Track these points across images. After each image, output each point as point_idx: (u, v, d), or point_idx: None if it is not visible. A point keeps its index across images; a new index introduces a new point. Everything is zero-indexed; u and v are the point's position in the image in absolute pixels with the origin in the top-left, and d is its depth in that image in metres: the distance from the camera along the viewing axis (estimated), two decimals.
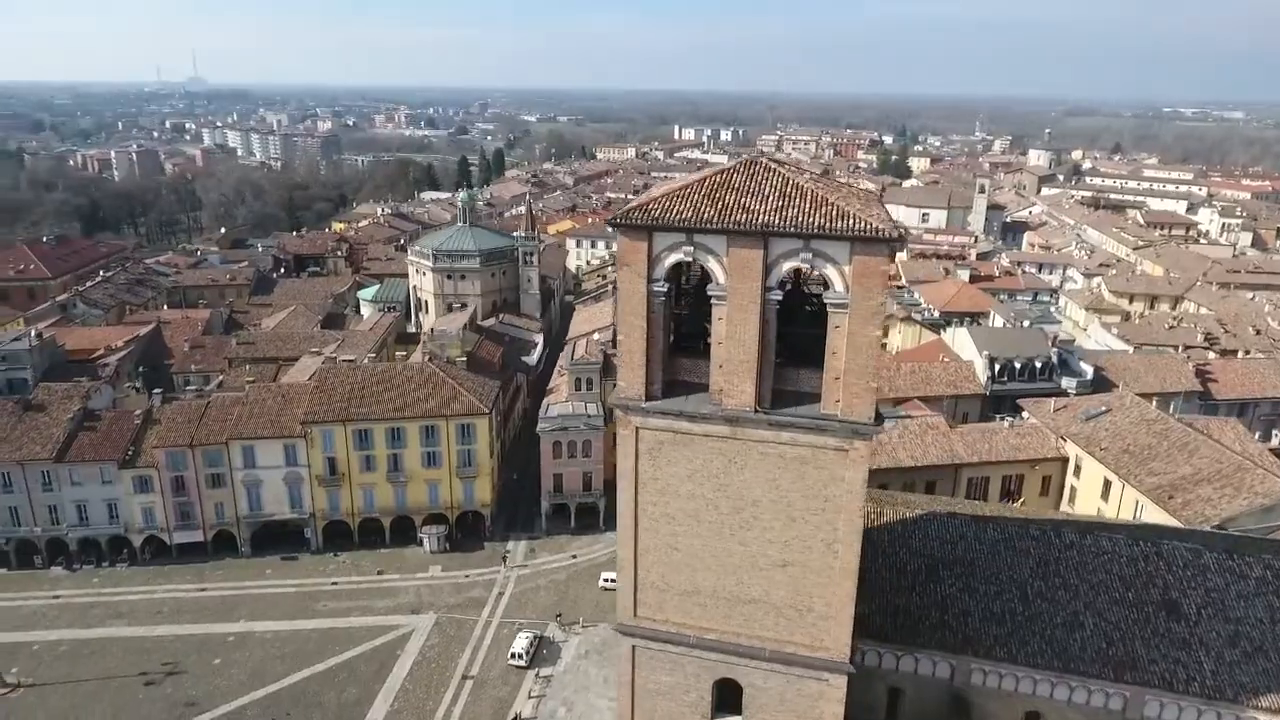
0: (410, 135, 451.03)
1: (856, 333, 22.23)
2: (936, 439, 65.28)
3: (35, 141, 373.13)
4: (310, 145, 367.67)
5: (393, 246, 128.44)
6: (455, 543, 70.05)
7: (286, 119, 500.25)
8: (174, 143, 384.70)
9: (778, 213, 22.13)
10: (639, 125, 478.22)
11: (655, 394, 24.56)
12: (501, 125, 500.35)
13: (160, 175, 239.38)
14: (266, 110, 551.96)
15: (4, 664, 54.92)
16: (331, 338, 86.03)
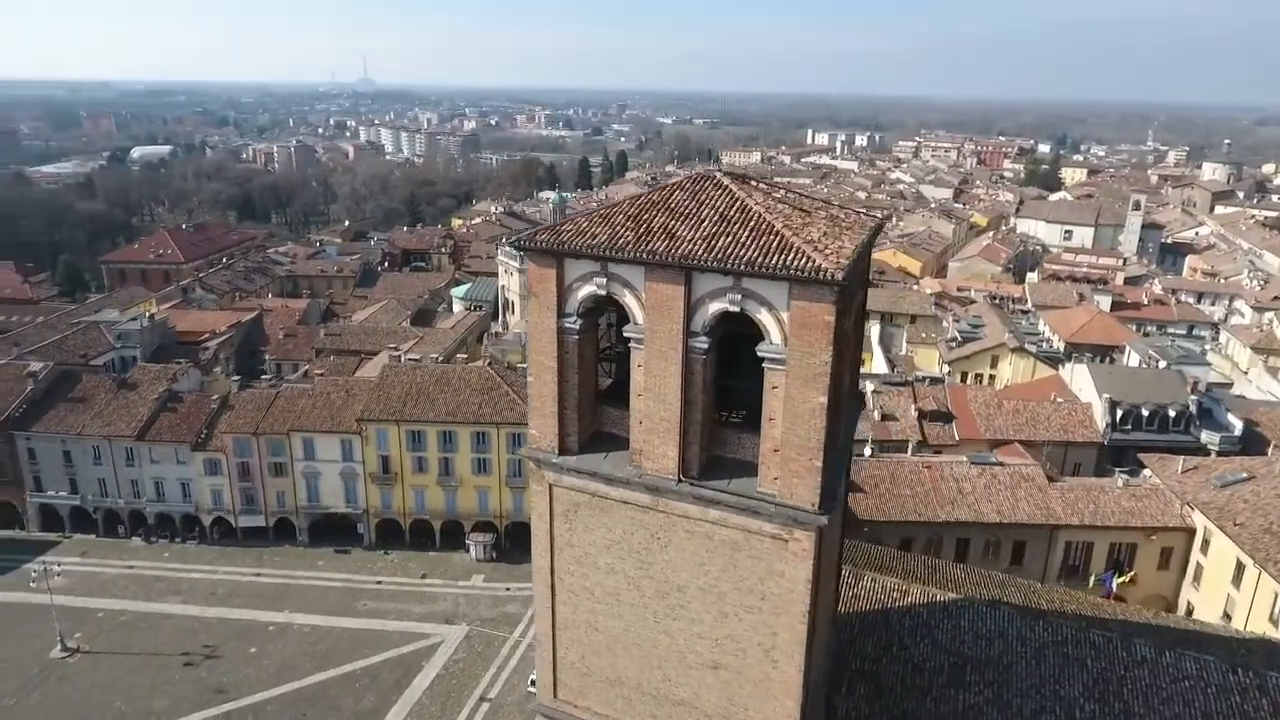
0: (547, 135, 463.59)
1: (796, 397, 17.58)
2: (1030, 493, 57.25)
3: (217, 136, 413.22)
4: (451, 143, 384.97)
5: (494, 245, 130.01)
6: (502, 553, 68.62)
7: (436, 118, 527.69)
8: (334, 139, 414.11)
9: (707, 242, 17.84)
10: (773, 129, 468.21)
11: (571, 447, 20.80)
12: (636, 127, 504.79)
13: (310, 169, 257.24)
14: (420, 110, 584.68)
15: (71, 627, 58.36)
16: (413, 334, 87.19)
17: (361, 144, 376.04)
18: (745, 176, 21.69)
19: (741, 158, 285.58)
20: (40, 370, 69.19)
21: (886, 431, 69.39)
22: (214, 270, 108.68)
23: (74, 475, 67.97)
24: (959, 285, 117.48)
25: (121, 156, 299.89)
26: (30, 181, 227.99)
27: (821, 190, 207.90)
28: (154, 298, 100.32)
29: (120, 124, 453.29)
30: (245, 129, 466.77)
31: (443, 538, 69.33)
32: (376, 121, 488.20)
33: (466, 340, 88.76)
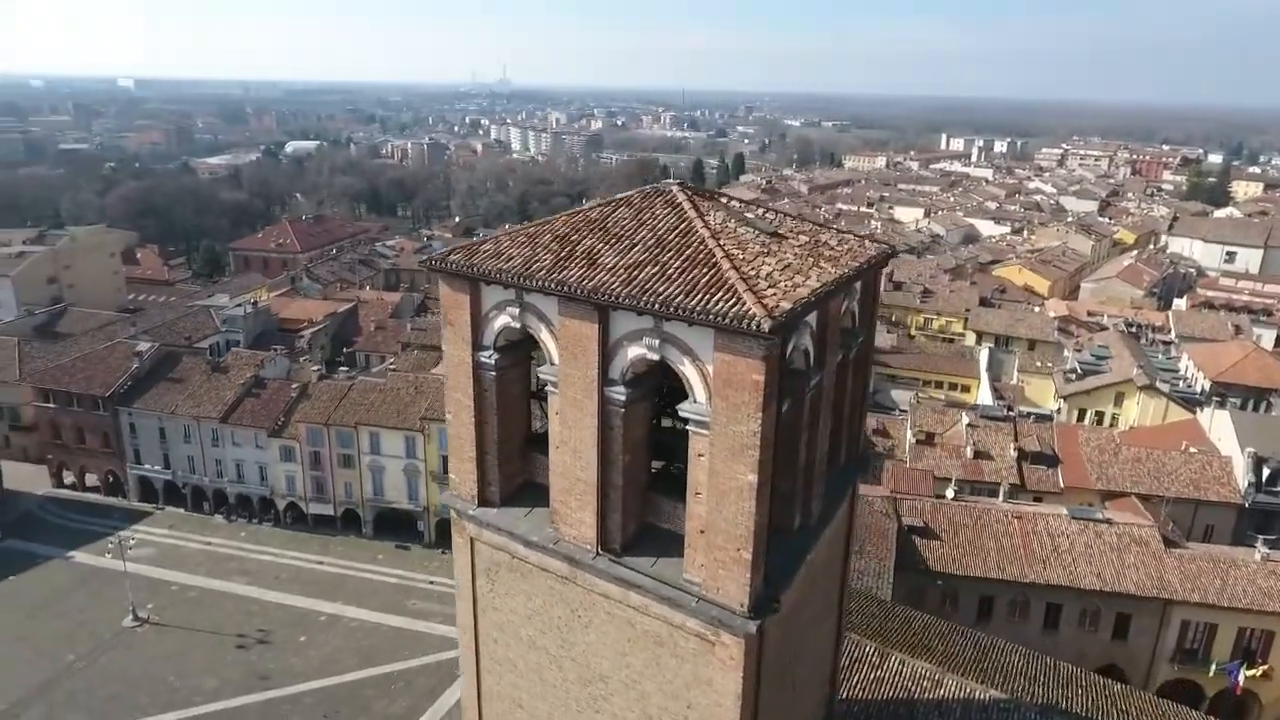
0: (670, 136, 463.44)
1: (722, 471, 14.06)
2: (1141, 558, 49.85)
3: (362, 132, 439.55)
4: (575, 143, 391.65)
5: None
6: None
7: (565, 118, 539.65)
8: (467, 137, 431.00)
9: (629, 272, 14.61)
10: (906, 133, 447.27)
11: (492, 498, 18.09)
12: (761, 129, 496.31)
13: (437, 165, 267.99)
14: (551, 109, 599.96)
15: (146, 598, 61.53)
16: None
17: (490, 142, 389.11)
18: (713, 193, 18.21)
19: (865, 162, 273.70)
20: (146, 350, 73.76)
21: (978, 471, 62.63)
22: (323, 261, 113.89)
23: (167, 451, 72.03)
24: (1090, 309, 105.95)
25: (275, 150, 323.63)
26: (194, 172, 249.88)
27: (947, 199, 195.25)
28: (267, 285, 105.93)
29: (280, 120, 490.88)
30: (389, 126, 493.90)
31: None
32: (508, 121, 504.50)
33: None
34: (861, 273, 16.92)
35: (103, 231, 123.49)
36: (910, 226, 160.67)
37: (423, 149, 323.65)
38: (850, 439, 19.69)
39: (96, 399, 71.13)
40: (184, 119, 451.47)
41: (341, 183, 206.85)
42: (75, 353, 77.22)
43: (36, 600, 60.99)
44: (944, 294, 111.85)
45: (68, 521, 71.88)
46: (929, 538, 51.57)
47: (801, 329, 15.01)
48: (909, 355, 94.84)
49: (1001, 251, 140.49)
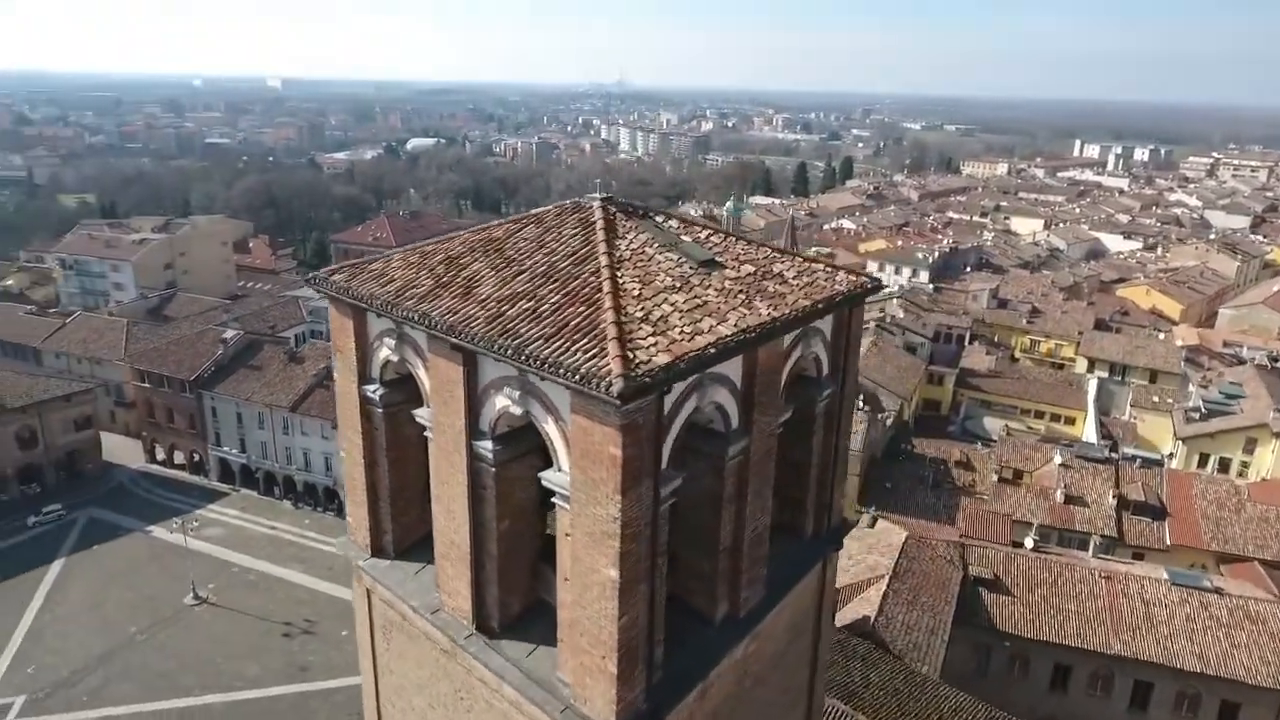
0: (781, 138, 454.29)
1: (583, 559, 11.37)
2: (1256, 638, 43.30)
3: (479, 131, 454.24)
4: (682, 144, 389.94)
5: None
6: None
7: (676, 118, 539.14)
8: (578, 137, 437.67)
9: (501, 305, 12.13)
10: (1036, 138, 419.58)
11: (386, 549, 15.97)
12: (877, 132, 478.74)
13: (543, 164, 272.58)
14: (663, 110, 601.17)
15: (208, 577, 63.94)
16: None
17: (598, 142, 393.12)
18: (650, 211, 15.35)
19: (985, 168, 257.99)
20: (231, 337, 77.03)
21: (1068, 518, 56.16)
22: None
23: (243, 436, 74.94)
24: (1227, 339, 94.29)
25: (396, 148, 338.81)
26: (319, 167, 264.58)
27: (1072, 210, 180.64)
28: None
29: (405, 119, 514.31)
30: (505, 125, 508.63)
31: None
32: (620, 121, 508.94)
33: None
34: (814, 313, 13.72)
35: (220, 221, 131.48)
36: (1026, 239, 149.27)
37: (531, 148, 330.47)
38: (819, 507, 16.39)
39: (183, 382, 74.85)
40: (318, 116, 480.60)
41: (447, 180, 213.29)
42: (173, 336, 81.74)
43: (113, 570, 64.48)
44: (1055, 314, 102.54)
45: (153, 496, 76.06)
46: (999, 592, 46.25)
47: (710, 384, 12.06)
48: (1007, 380, 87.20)
49: (1128, 269, 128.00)
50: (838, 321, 15.09)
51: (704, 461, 13.00)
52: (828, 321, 14.83)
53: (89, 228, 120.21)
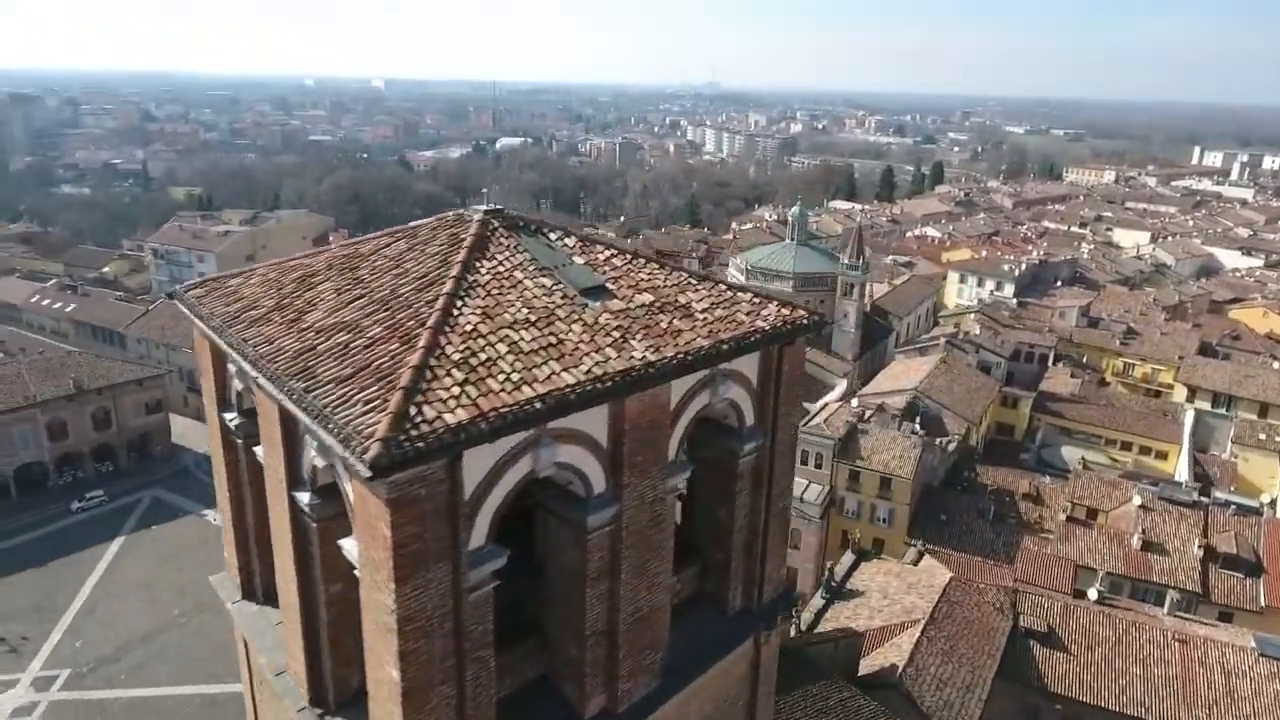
0: (872, 141, 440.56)
1: (373, 650, 9.39)
2: None
3: (566, 131, 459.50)
4: (768, 145, 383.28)
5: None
6: None
7: (765, 120, 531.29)
8: (664, 137, 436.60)
9: (319, 336, 10.32)
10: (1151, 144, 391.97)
11: (255, 591, 14.45)
12: (976, 136, 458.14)
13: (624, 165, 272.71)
14: (752, 112, 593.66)
15: None
16: None
17: (682, 143, 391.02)
18: (545, 226, 13.21)
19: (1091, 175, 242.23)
20: None
21: (1144, 567, 50.65)
22: None
23: None
24: None
25: (484, 146, 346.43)
26: (409, 165, 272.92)
27: (1185, 222, 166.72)
28: None
29: (497, 118, 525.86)
30: (592, 125, 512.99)
31: None
32: (707, 122, 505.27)
33: None
34: (715, 355, 11.30)
35: (303, 215, 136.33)
36: (1129, 253, 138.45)
37: (615, 148, 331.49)
38: (747, 579, 13.87)
39: None
40: (414, 115, 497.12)
41: (527, 179, 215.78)
42: None
43: (167, 552, 66.72)
44: (1153, 336, 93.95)
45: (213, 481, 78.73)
46: (1052, 647, 41.71)
47: (552, 443, 9.88)
48: (1092, 406, 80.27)
49: (1245, 289, 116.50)
50: (764, 363, 12.60)
51: (566, 531, 10.83)
52: (750, 363, 12.38)
53: (183, 219, 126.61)
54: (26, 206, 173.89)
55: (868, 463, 55.73)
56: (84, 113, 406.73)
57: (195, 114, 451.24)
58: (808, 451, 57.24)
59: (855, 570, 48.05)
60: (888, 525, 56.22)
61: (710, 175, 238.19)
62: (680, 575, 13.26)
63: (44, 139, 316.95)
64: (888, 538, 56.47)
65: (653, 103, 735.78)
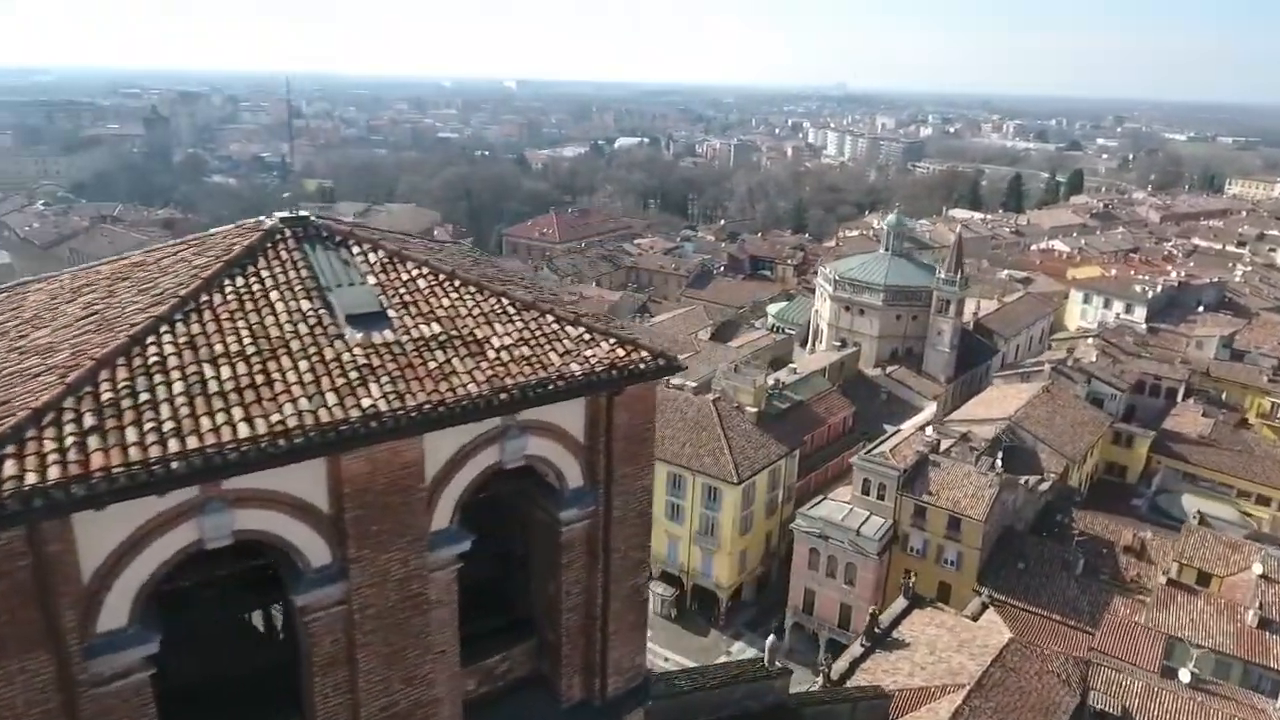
0: (1009, 147, 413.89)
1: None
2: None
3: (685, 132, 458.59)
4: (893, 149, 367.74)
5: None
6: (684, 612, 60.55)
7: (893, 123, 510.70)
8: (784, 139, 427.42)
9: (7, 357, 8.91)
10: None
11: None
12: (1128, 142, 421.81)
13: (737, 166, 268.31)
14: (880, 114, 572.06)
15: None
16: (693, 347, 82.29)
17: (801, 145, 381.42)
18: (347, 238, 11.32)
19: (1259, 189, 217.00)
20: None
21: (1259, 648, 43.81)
22: (572, 253, 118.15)
23: None
24: None
25: (601, 146, 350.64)
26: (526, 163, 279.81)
27: None
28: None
29: (618, 118, 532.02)
30: (712, 127, 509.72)
31: None
32: (832, 125, 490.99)
33: (746, 363, 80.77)
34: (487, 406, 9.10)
35: (410, 209, 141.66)
36: None
37: (729, 149, 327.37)
38: (586, 666, 11.53)
39: None
40: (540, 114, 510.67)
41: (634, 178, 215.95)
42: None
43: None
44: None
45: None
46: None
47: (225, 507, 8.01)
48: (1226, 451, 70.90)
49: None
50: (592, 414, 10.26)
51: (289, 609, 8.98)
52: (569, 413, 10.09)
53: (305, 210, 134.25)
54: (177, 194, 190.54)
55: (935, 499, 50.89)
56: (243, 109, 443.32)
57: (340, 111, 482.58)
58: (869, 481, 53.03)
59: (906, 617, 43.81)
60: (955, 569, 51.17)
61: (823, 179, 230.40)
62: (510, 653, 11.13)
63: (205, 133, 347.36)
64: (955, 582, 51.43)
65: (777, 104, 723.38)
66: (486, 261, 13.92)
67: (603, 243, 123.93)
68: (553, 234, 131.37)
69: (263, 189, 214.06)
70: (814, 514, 53.76)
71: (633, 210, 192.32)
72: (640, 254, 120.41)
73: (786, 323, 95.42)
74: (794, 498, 62.17)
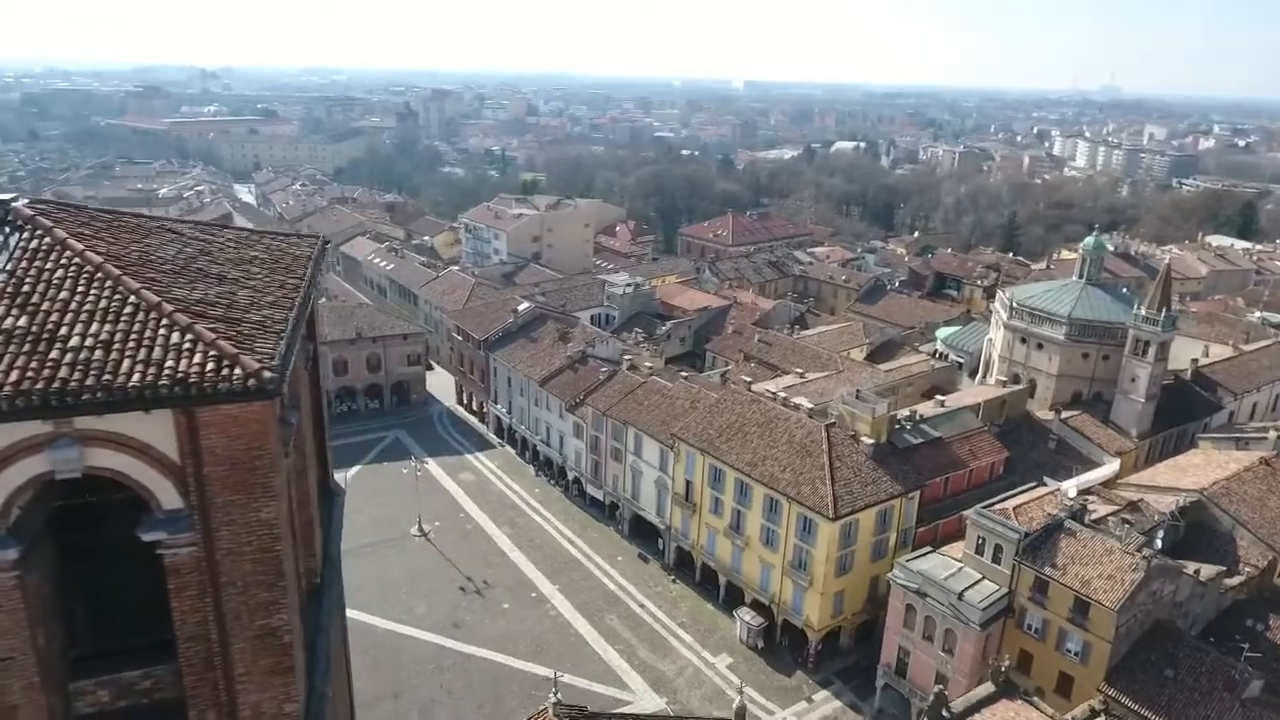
0: None
1: None
2: None
3: (909, 137, 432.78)
4: (1157, 163, 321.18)
5: None
6: (772, 646, 56.84)
7: (1166, 133, 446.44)
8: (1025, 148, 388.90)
9: None
10: None
11: None
12: None
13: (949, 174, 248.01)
14: (1153, 123, 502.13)
15: (439, 515, 71.80)
16: (838, 366, 76.97)
17: (1040, 155, 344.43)
18: (34, 219, 10.89)
19: None
20: (524, 309, 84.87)
21: None
22: (740, 257, 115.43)
23: (511, 399, 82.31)
24: None
25: (814, 150, 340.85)
26: (732, 164, 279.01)
27: None
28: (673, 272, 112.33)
29: (840, 121, 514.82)
30: (943, 132, 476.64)
31: (727, 594, 61.04)
32: (1087, 134, 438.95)
33: (897, 392, 74.22)
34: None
35: (598, 204, 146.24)
36: None
37: (954, 157, 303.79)
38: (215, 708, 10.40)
39: (478, 340, 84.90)
40: (759, 116, 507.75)
41: (835, 184, 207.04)
42: (491, 299, 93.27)
43: (383, 487, 75.84)
44: None
45: (445, 433, 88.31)
46: None
47: None
48: None
49: None
50: (185, 431, 9.13)
51: None
52: (155, 426, 9.05)
53: (502, 200, 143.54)
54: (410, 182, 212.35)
55: (1060, 573, 43.18)
56: (487, 106, 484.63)
57: (572, 110, 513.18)
58: (984, 539, 46.26)
59: (988, 706, 37.65)
60: (1079, 661, 43.18)
61: (1057, 194, 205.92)
62: (153, 671, 10.40)
63: (450, 127, 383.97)
64: (1078, 676, 43.53)
65: (1026, 109, 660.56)
66: (267, 260, 13.09)
67: (773, 248, 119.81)
68: (726, 235, 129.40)
69: (484, 180, 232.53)
70: (914, 566, 47.84)
71: (829, 217, 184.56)
72: (812, 263, 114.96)
73: (955, 349, 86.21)
74: (912, 544, 55.90)
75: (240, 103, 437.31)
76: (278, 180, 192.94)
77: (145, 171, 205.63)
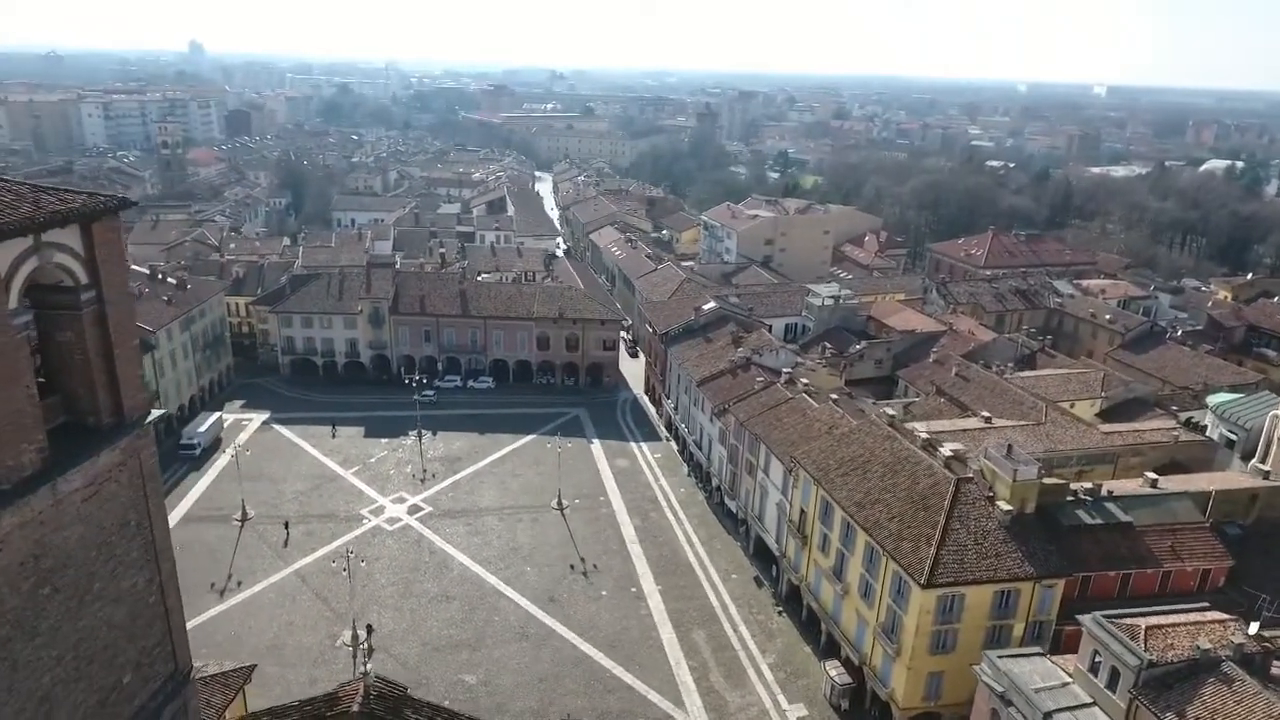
0: None
1: None
2: None
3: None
4: None
5: None
6: (859, 711, 50.52)
7: None
8: None
9: None
10: None
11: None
12: None
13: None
14: None
15: (580, 493, 74.61)
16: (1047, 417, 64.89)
17: None
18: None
19: None
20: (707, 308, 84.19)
21: None
22: (985, 281, 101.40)
23: (678, 395, 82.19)
24: None
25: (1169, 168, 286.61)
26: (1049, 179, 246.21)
27: None
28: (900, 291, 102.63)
29: (1221, 135, 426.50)
30: None
31: (827, 642, 55.25)
32: None
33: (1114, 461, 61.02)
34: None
35: (849, 212, 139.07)
36: None
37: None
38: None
39: (659, 335, 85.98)
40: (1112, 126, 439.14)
41: (1161, 209, 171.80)
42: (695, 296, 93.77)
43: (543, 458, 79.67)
44: None
45: (622, 419, 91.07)
46: None
47: None
48: None
49: None
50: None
51: None
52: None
53: (751, 201, 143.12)
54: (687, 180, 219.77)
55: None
56: (795, 109, 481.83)
57: (888, 114, 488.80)
58: (1100, 657, 36.53)
59: None
60: None
61: None
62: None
63: (751, 128, 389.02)
64: None
65: None
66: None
67: (1027, 274, 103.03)
68: (979, 255, 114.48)
69: (761, 180, 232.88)
70: (1006, 665, 39.14)
71: (1142, 246, 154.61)
72: (1074, 296, 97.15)
73: (1227, 421, 67.54)
74: (1051, 642, 45.73)
75: (574, 101, 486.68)
76: (569, 171, 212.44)
77: (472, 158, 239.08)
